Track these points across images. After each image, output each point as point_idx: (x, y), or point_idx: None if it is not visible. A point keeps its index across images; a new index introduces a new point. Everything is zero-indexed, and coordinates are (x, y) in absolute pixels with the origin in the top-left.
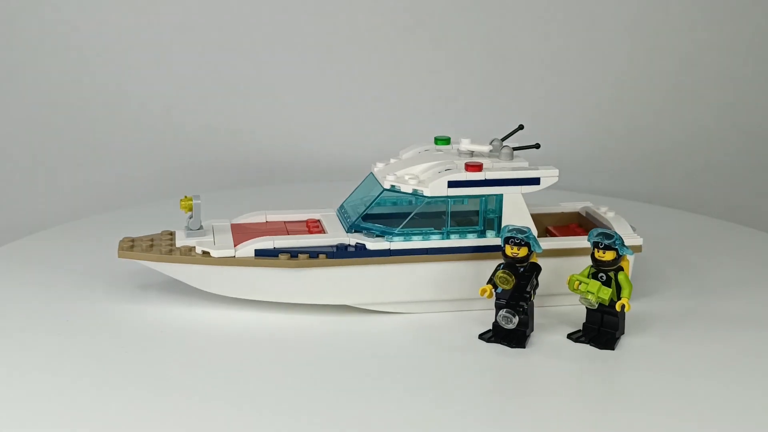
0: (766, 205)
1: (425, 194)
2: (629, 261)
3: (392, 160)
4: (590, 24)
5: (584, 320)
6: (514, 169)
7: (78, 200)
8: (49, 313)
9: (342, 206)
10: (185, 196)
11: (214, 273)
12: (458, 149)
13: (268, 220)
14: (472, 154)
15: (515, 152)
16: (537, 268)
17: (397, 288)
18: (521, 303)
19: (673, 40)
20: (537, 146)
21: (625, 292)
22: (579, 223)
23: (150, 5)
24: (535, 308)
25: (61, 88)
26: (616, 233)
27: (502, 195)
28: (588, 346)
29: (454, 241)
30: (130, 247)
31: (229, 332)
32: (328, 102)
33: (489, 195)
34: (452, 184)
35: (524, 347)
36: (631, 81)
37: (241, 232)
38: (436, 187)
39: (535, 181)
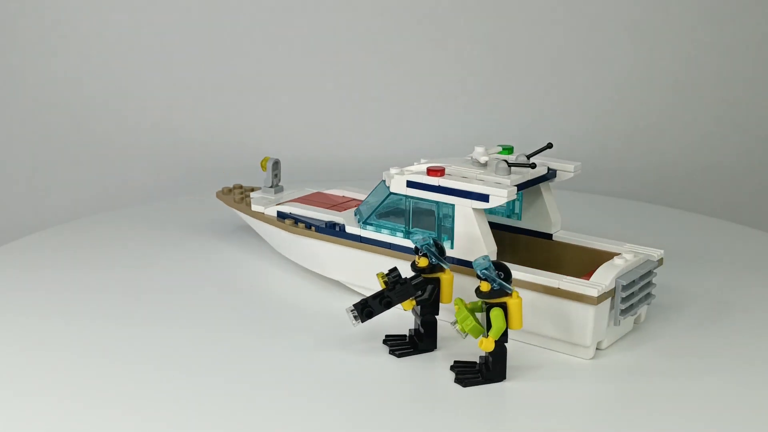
0: (766, 205)
1: (389, 188)
2: (518, 303)
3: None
4: (591, 24)
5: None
6: (483, 182)
7: (78, 200)
8: (49, 313)
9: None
10: (265, 157)
11: (253, 222)
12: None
13: (343, 195)
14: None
15: (530, 159)
16: (428, 283)
17: (361, 272)
18: (369, 306)
19: (673, 41)
20: (549, 146)
21: (491, 331)
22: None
23: (150, 6)
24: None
25: (61, 88)
26: (499, 267)
27: (453, 205)
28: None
29: (409, 242)
30: (228, 191)
31: (229, 333)
32: (328, 102)
33: (441, 203)
34: (410, 184)
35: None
36: (632, 81)
37: (305, 199)
38: (397, 184)
39: (484, 197)
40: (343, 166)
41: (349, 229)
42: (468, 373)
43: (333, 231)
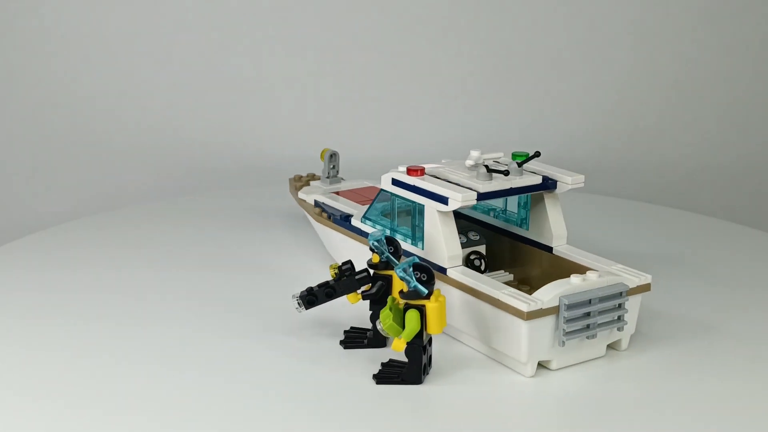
0: (766, 205)
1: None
2: (436, 307)
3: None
4: (591, 24)
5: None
6: (450, 186)
7: (78, 200)
8: (49, 313)
9: None
10: (324, 148)
11: (302, 207)
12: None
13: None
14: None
15: (520, 168)
16: (377, 279)
17: (362, 263)
18: (313, 295)
19: (673, 41)
20: (537, 154)
21: (403, 333)
22: None
23: (150, 6)
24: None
25: (61, 88)
26: (411, 265)
27: (423, 206)
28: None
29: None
30: (299, 179)
31: (229, 331)
32: (328, 102)
33: (417, 203)
34: (394, 182)
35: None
36: (632, 81)
37: (351, 192)
38: (385, 181)
39: (444, 200)
40: (343, 166)
41: (353, 222)
42: (389, 372)
43: (342, 222)
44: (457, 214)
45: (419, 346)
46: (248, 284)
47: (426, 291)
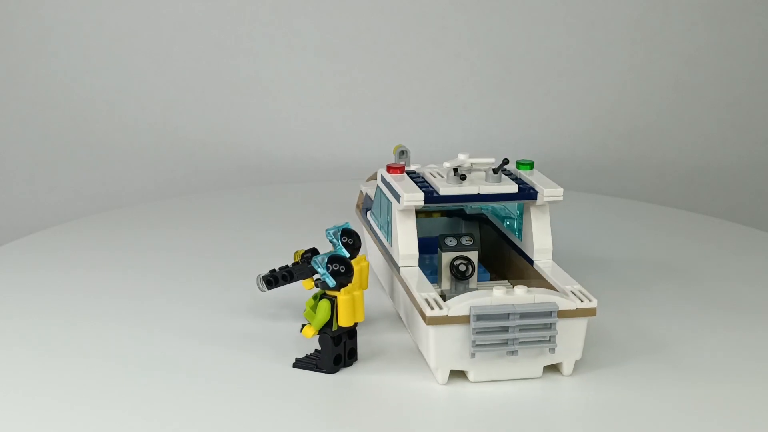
0: (766, 205)
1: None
2: (346, 300)
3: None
4: (591, 24)
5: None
6: (408, 188)
7: (78, 200)
8: (49, 313)
9: None
10: (397, 144)
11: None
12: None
13: None
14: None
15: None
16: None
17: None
18: (274, 277)
19: (673, 41)
20: (505, 162)
21: (314, 320)
22: None
23: (150, 6)
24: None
25: (61, 88)
26: (329, 256)
27: (391, 203)
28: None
29: (381, 234)
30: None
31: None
32: (328, 102)
33: (388, 199)
34: (382, 179)
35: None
36: (632, 81)
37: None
38: (378, 176)
39: (398, 198)
40: (344, 165)
41: (368, 215)
42: (309, 360)
43: (363, 214)
44: (485, 220)
45: (329, 336)
46: (248, 284)
47: (334, 283)
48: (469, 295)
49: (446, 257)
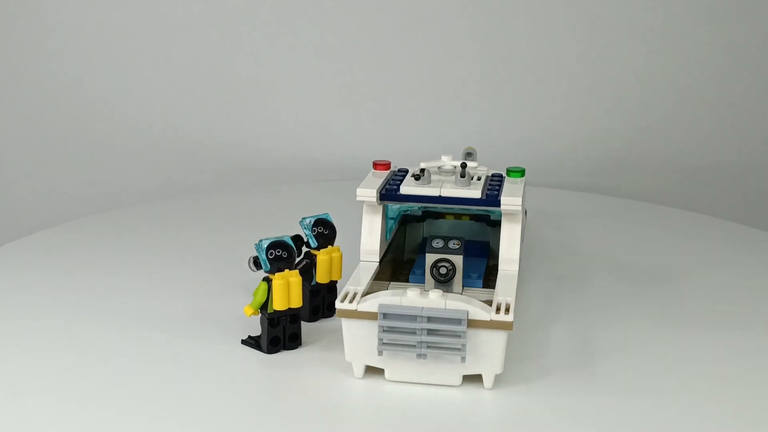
0: (766, 205)
1: None
2: (280, 284)
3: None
4: (591, 24)
5: None
6: (371, 185)
7: (78, 200)
8: (49, 313)
9: None
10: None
11: None
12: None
13: None
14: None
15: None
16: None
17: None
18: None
19: (673, 41)
20: (463, 165)
21: (253, 300)
22: None
23: (150, 6)
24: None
25: (61, 88)
26: (270, 242)
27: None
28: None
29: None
30: None
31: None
32: (328, 102)
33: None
34: (374, 173)
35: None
36: (632, 81)
37: None
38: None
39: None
40: (344, 166)
41: None
42: (255, 339)
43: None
44: (495, 223)
45: (265, 318)
46: (248, 284)
47: (268, 267)
48: (384, 293)
49: (429, 258)
